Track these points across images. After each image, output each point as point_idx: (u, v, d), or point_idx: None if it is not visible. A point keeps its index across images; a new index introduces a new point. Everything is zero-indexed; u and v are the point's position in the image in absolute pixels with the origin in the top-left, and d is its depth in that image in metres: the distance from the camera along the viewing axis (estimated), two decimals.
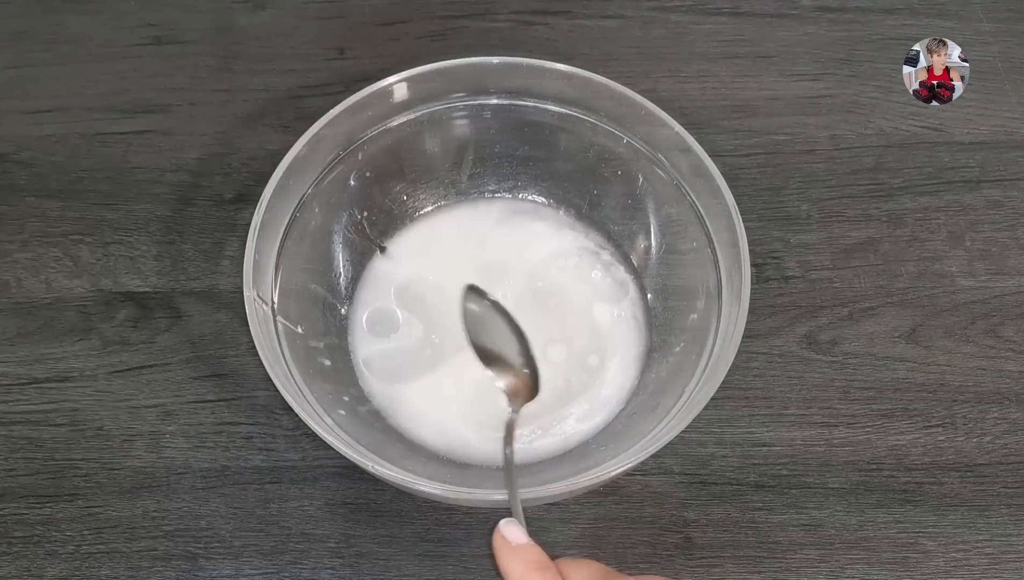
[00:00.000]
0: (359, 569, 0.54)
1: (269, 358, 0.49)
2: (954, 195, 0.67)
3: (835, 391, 0.59)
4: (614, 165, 0.60)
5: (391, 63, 0.56)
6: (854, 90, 0.71)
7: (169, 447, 0.57)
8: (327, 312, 0.59)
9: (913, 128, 0.70)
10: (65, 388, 0.59)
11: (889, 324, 0.62)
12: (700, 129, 0.55)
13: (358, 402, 0.57)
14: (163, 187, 0.67)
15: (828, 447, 0.58)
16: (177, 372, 0.60)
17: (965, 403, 0.59)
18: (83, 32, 0.74)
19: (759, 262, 0.64)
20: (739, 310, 0.50)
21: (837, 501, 0.56)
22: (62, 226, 0.65)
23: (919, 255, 0.64)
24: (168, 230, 0.65)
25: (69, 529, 0.55)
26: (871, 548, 0.55)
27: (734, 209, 0.52)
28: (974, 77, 0.71)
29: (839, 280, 0.63)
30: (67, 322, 0.62)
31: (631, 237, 0.62)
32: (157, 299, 0.62)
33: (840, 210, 0.66)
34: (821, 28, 0.75)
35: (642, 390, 0.57)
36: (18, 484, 0.56)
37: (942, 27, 0.74)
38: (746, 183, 0.67)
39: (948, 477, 0.57)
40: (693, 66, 0.73)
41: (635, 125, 0.57)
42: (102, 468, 0.57)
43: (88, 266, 0.64)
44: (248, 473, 0.57)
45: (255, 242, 0.51)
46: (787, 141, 0.69)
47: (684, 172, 0.56)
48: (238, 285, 0.51)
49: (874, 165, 0.68)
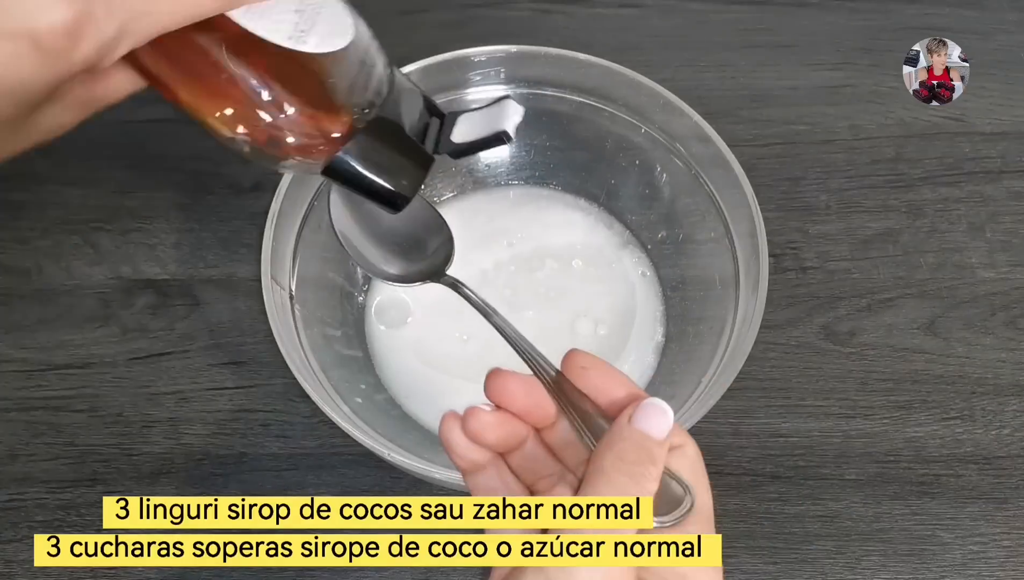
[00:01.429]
0: None
1: (287, 345, 0.49)
2: (975, 186, 0.66)
3: (853, 382, 0.59)
4: (632, 154, 0.60)
5: (409, 52, 0.56)
6: (875, 80, 0.71)
7: (187, 434, 0.58)
8: (344, 300, 0.59)
9: (934, 118, 0.69)
10: (85, 374, 0.60)
11: (908, 315, 0.61)
12: (718, 118, 0.55)
13: (375, 390, 0.57)
14: (182, 175, 0.67)
15: (845, 438, 0.57)
16: (195, 359, 0.60)
17: (984, 395, 0.59)
18: None
19: (777, 252, 0.63)
20: (756, 301, 0.49)
21: (854, 492, 0.56)
22: (82, 214, 0.66)
23: (939, 246, 0.64)
24: (187, 218, 0.65)
25: (89, 514, 0.56)
26: (888, 540, 0.55)
27: (752, 199, 0.52)
28: (996, 67, 0.71)
29: (858, 271, 0.63)
30: (87, 309, 0.62)
31: (648, 227, 0.62)
32: (176, 286, 0.63)
33: (859, 200, 0.66)
34: (842, 17, 0.74)
35: (658, 380, 0.57)
36: (39, 469, 0.57)
37: (965, 16, 0.74)
38: (764, 173, 0.66)
39: (966, 469, 0.57)
40: (712, 55, 0.72)
41: (653, 114, 0.57)
42: (121, 454, 0.57)
43: (108, 253, 0.64)
44: (265, 460, 0.57)
45: (273, 230, 0.51)
46: (806, 131, 0.69)
47: (702, 162, 0.56)
48: (256, 273, 0.51)
49: (894, 155, 0.67)
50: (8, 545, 0.55)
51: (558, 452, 0.38)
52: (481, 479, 0.38)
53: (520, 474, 0.38)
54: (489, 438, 0.37)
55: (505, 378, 0.37)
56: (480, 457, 0.37)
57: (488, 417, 0.37)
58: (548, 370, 0.38)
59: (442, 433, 0.37)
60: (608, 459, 0.34)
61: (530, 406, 0.37)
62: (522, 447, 0.38)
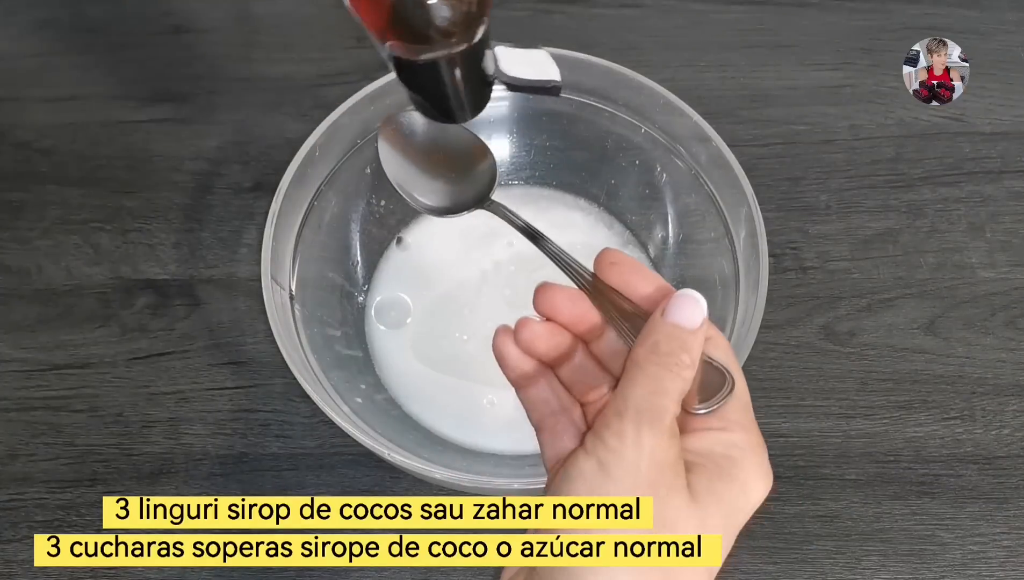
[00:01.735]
0: None
1: (287, 345, 0.49)
2: (975, 186, 0.66)
3: (853, 382, 0.59)
4: (632, 154, 0.60)
5: None
6: (875, 80, 0.71)
7: (187, 434, 0.58)
8: (344, 300, 0.59)
9: (934, 118, 0.69)
10: (85, 374, 0.60)
11: (908, 315, 0.61)
12: (718, 119, 0.55)
13: (375, 390, 0.57)
14: (182, 175, 0.67)
15: (845, 438, 0.57)
16: (195, 359, 0.60)
17: (984, 395, 0.59)
18: (103, 21, 0.75)
19: (777, 252, 0.63)
20: (756, 301, 0.49)
21: (854, 492, 0.56)
22: (82, 214, 0.66)
23: (939, 246, 0.64)
24: (187, 218, 0.65)
25: (89, 514, 0.56)
26: (888, 540, 0.55)
27: (752, 199, 0.52)
28: (996, 67, 0.71)
29: (858, 271, 0.63)
30: (87, 309, 0.62)
31: (648, 227, 0.62)
32: (176, 287, 0.63)
33: (859, 201, 0.66)
34: (842, 17, 0.74)
35: None
36: (39, 469, 0.57)
37: (965, 16, 0.74)
38: (764, 173, 0.66)
39: (966, 469, 0.57)
40: (712, 55, 0.72)
41: (653, 114, 0.57)
42: (121, 454, 0.57)
43: (108, 253, 0.64)
44: (265, 460, 0.57)
45: (273, 230, 0.51)
46: (806, 131, 0.69)
47: (702, 162, 0.56)
48: (256, 273, 0.51)
49: (894, 155, 0.67)
50: (8, 545, 0.55)
51: (606, 363, 0.39)
52: (533, 391, 0.39)
53: (570, 386, 0.39)
54: (540, 347, 0.38)
55: (552, 290, 0.38)
56: (531, 368, 0.38)
57: (539, 327, 0.38)
58: (586, 276, 0.39)
59: (496, 346, 0.39)
60: (641, 352, 0.34)
61: (576, 316, 0.38)
62: (571, 359, 0.39)
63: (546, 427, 0.39)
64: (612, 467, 0.32)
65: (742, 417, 0.35)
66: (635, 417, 0.33)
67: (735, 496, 0.34)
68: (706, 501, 0.33)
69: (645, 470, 0.32)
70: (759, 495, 0.34)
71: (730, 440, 0.34)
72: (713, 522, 0.33)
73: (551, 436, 0.39)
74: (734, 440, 0.34)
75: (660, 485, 0.32)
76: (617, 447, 0.33)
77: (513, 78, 0.42)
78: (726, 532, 0.33)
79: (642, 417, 0.33)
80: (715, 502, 0.33)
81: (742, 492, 0.34)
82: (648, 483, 0.32)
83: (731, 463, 0.34)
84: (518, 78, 0.42)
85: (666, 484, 0.32)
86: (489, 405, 0.57)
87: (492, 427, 0.56)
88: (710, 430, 0.35)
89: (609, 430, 0.33)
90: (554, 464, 0.38)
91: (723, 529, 0.33)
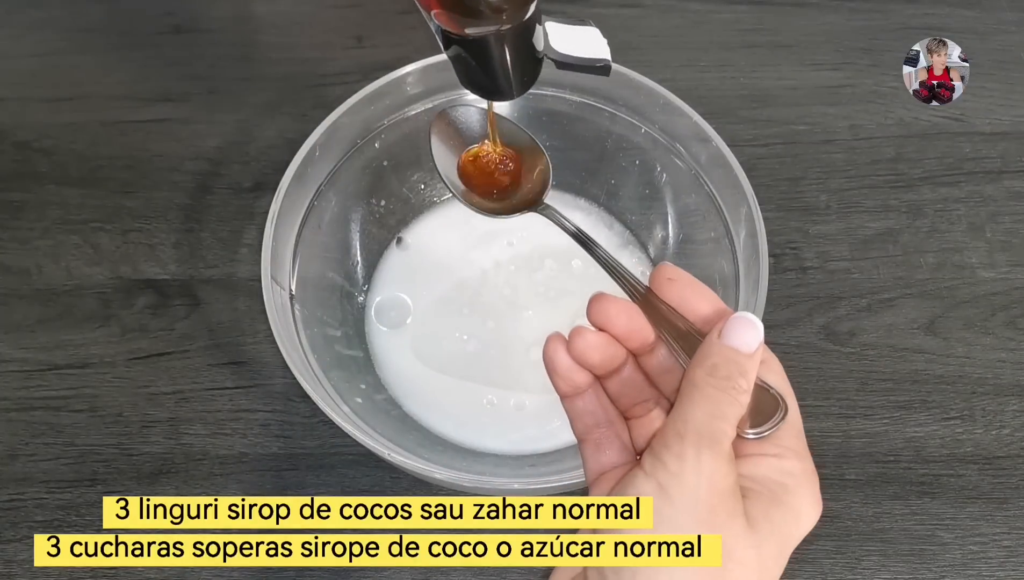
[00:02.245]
0: None
1: (287, 346, 0.49)
2: (975, 186, 0.66)
3: (853, 382, 0.59)
4: (632, 154, 0.60)
5: (409, 52, 0.56)
6: (874, 80, 0.71)
7: (187, 434, 0.58)
8: (344, 300, 0.59)
9: (934, 118, 0.69)
10: (85, 374, 0.60)
11: (908, 315, 0.61)
12: (718, 119, 0.55)
13: (374, 390, 0.57)
14: (182, 175, 0.67)
15: (845, 438, 0.57)
16: (195, 359, 0.60)
17: (984, 395, 0.59)
18: (103, 21, 0.75)
19: (777, 252, 0.63)
20: (756, 300, 0.49)
21: (854, 492, 0.56)
22: (82, 214, 0.66)
23: (939, 246, 0.64)
24: (187, 218, 0.65)
25: (89, 514, 0.56)
26: (887, 540, 0.55)
27: (752, 199, 0.52)
28: (996, 67, 0.71)
29: (858, 271, 0.63)
30: (87, 309, 0.62)
31: (649, 227, 0.62)
32: (176, 287, 0.63)
33: (859, 200, 0.66)
34: (842, 17, 0.74)
35: None
36: (39, 469, 0.57)
37: (964, 16, 0.74)
38: (764, 173, 0.66)
39: (966, 469, 0.57)
40: (712, 55, 0.72)
41: (653, 114, 0.57)
42: (121, 454, 0.57)
43: (108, 253, 0.64)
44: (265, 460, 0.57)
45: (273, 230, 0.51)
46: (806, 131, 0.69)
47: (702, 162, 0.56)
48: (256, 273, 0.51)
49: (894, 155, 0.67)
50: (8, 545, 0.55)
51: (655, 378, 0.38)
52: (580, 403, 0.38)
53: (617, 399, 0.39)
54: (593, 358, 0.37)
55: (608, 302, 0.37)
56: (581, 379, 0.38)
57: (593, 337, 0.37)
58: (640, 289, 0.38)
59: (547, 354, 0.37)
60: (699, 374, 0.34)
61: (630, 330, 0.37)
62: (620, 372, 0.38)
63: (590, 439, 0.38)
64: (672, 490, 0.32)
65: (796, 444, 0.35)
66: (696, 440, 0.33)
67: (789, 524, 0.34)
68: (763, 528, 0.33)
69: (705, 495, 0.32)
70: (810, 523, 0.34)
71: (785, 467, 0.34)
72: (768, 549, 0.33)
73: (595, 449, 0.38)
74: (789, 468, 0.34)
75: (720, 511, 0.32)
76: (677, 470, 0.32)
77: (562, 55, 0.41)
78: (779, 559, 0.33)
79: (702, 440, 0.32)
80: (771, 530, 0.33)
81: (795, 520, 0.34)
82: (708, 508, 0.32)
83: (785, 491, 0.34)
84: (567, 55, 0.41)
85: (726, 510, 0.32)
86: (489, 405, 0.57)
87: (492, 427, 0.56)
88: (765, 456, 0.34)
89: (670, 452, 0.33)
90: (596, 477, 0.37)
91: (777, 557, 0.33)
